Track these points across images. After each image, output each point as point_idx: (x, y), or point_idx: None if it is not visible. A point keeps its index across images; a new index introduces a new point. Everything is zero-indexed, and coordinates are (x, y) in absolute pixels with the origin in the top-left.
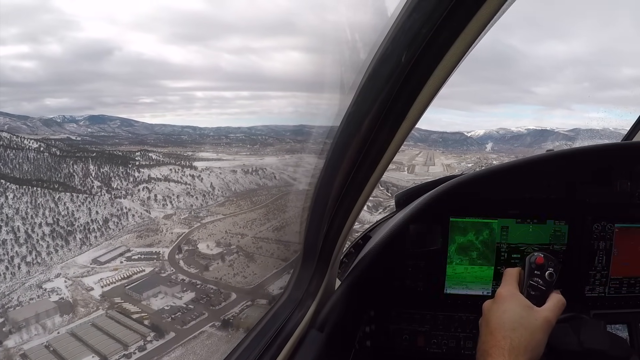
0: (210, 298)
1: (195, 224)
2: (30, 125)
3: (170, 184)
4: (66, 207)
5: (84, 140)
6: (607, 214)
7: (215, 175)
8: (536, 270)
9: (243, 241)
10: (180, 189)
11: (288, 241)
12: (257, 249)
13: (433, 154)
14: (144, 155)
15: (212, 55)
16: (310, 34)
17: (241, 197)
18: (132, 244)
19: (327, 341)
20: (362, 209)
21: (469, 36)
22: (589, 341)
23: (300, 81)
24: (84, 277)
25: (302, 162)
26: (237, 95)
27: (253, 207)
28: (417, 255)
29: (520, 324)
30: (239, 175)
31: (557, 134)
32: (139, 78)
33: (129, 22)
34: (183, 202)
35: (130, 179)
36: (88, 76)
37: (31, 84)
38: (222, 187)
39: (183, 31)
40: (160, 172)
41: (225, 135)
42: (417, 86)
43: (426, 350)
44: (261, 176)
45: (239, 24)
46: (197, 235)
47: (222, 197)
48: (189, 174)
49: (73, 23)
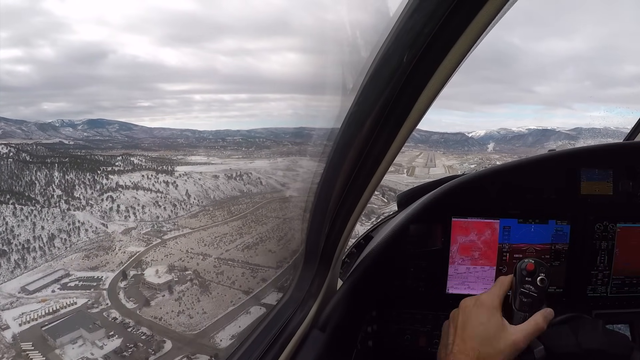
0: (137, 349)
1: (154, 241)
2: (25, 129)
3: (139, 192)
4: (5, 222)
5: (76, 145)
6: (609, 214)
7: (194, 182)
8: (527, 277)
9: (203, 265)
10: (148, 198)
11: (257, 265)
12: (216, 276)
13: (434, 155)
14: (125, 160)
15: (207, 57)
16: (310, 35)
17: (219, 206)
18: (75, 267)
19: (329, 341)
20: (364, 210)
21: (470, 36)
22: (587, 342)
23: (301, 83)
24: (5, 309)
25: (297, 165)
26: (235, 98)
27: (228, 219)
28: (419, 255)
29: (489, 343)
30: (221, 180)
31: (559, 133)
32: (135, 81)
33: (119, 24)
34: (148, 213)
35: (97, 187)
36: (84, 80)
37: (27, 89)
38: (199, 194)
39: (175, 32)
40: (131, 178)
41: (222, 138)
42: (419, 87)
43: (428, 350)
44: (246, 182)
45: (233, 24)
46: (151, 256)
47: (196, 207)
48: (163, 180)
49: (64, 25)
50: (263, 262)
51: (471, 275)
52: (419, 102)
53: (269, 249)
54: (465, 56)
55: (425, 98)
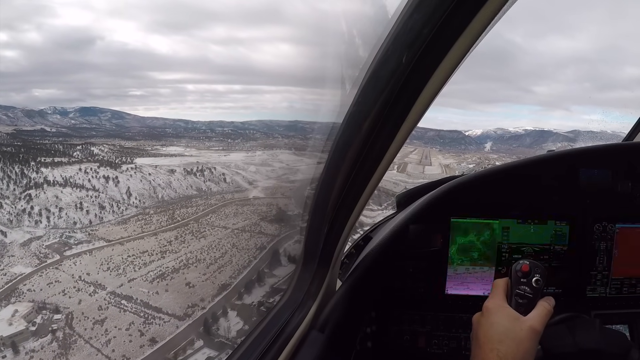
0: None
1: (51, 258)
2: (11, 116)
3: (65, 190)
4: None
5: (58, 132)
6: (608, 215)
7: (142, 177)
8: (522, 278)
9: (86, 303)
10: (74, 198)
11: (158, 310)
12: (91, 327)
13: (429, 152)
14: (84, 150)
15: (198, 45)
16: (309, 31)
17: (163, 208)
18: None
19: (328, 342)
20: (363, 210)
21: (470, 36)
22: (584, 341)
23: (297, 76)
24: None
25: (275, 159)
26: (229, 89)
27: (163, 228)
28: (418, 256)
29: (507, 336)
30: (176, 176)
31: (557, 135)
32: (126, 69)
33: (103, 9)
34: (64, 218)
35: (24, 182)
36: (72, 66)
37: (15, 74)
38: (143, 193)
39: (162, 18)
40: (65, 172)
41: (210, 129)
42: (418, 87)
43: (427, 351)
44: (207, 178)
45: (223, 11)
46: (34, 283)
47: (133, 209)
48: (104, 175)
49: (47, 8)
50: (167, 306)
51: (470, 276)
52: (418, 103)
53: (188, 281)
54: (464, 57)
55: (424, 99)
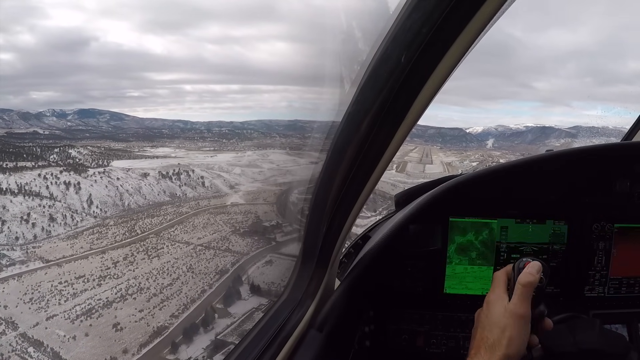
0: None
1: None
2: (6, 119)
3: (16, 198)
4: None
5: (50, 135)
6: (606, 214)
7: (108, 182)
8: None
9: None
10: (23, 208)
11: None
12: None
13: (430, 149)
14: (62, 153)
15: (193, 45)
16: (306, 28)
17: (126, 218)
18: None
19: (327, 341)
20: (361, 209)
21: (469, 36)
22: (584, 341)
23: (297, 77)
24: None
25: (266, 159)
26: (227, 89)
27: (115, 244)
28: (417, 255)
29: (495, 324)
30: (149, 180)
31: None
32: (122, 70)
33: (94, 9)
34: (5, 232)
35: None
36: (68, 68)
37: (11, 77)
38: (106, 200)
39: (155, 17)
40: (21, 179)
41: (208, 129)
42: (417, 86)
43: (425, 351)
44: (183, 182)
45: (216, 9)
46: None
47: (91, 219)
48: (65, 180)
49: (37, 9)
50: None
51: (469, 275)
52: (417, 102)
53: (117, 320)
54: (464, 55)
55: (423, 97)
